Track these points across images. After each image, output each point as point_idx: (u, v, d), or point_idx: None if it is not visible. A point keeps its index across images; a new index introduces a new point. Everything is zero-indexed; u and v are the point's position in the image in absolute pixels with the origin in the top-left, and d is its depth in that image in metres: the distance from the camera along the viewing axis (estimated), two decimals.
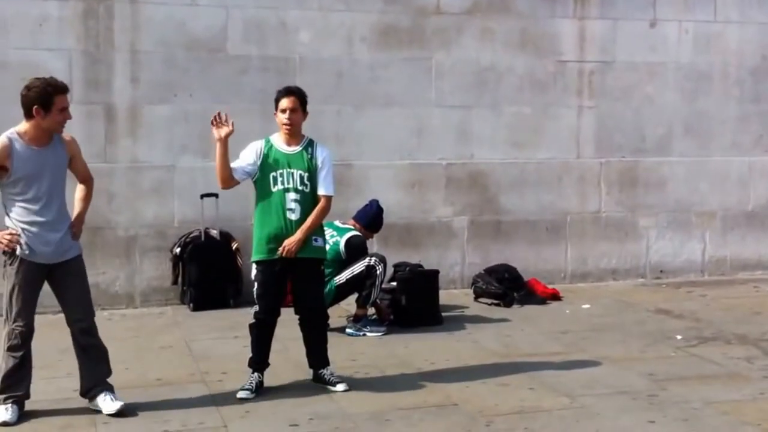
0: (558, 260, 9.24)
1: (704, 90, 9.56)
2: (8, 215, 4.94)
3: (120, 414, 5.00)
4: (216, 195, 8.12)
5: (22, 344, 4.93)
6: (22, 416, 4.99)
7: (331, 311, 7.24)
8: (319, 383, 5.65)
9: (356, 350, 6.54)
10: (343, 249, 7.06)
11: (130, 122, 8.07)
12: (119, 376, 5.25)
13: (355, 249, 7.03)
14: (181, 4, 8.14)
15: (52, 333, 7.12)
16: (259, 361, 5.58)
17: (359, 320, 7.12)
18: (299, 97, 5.51)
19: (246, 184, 8.17)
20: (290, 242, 5.41)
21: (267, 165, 5.48)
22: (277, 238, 5.45)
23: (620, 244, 9.43)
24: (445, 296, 7.86)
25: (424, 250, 8.78)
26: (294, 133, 5.52)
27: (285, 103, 5.47)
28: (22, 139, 4.85)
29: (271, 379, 5.79)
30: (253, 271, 5.64)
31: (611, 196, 9.40)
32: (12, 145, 4.82)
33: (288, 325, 7.14)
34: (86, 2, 7.90)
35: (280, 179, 5.44)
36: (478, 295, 8.41)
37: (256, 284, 5.59)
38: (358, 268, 6.99)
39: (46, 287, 5.09)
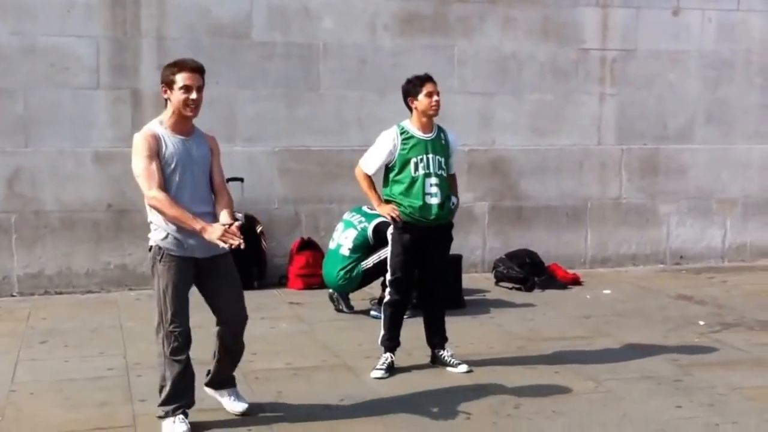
0: (578, 245, 9.33)
1: (727, 78, 9.60)
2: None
3: (244, 414, 4.87)
4: (241, 179, 8.21)
5: (184, 346, 4.62)
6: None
7: (355, 295, 7.37)
8: (437, 365, 5.80)
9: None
10: (371, 234, 7.18)
11: (156, 107, 8.02)
12: (150, 356, 5.18)
13: (383, 235, 7.09)
14: None
15: (81, 312, 7.23)
16: (391, 338, 5.73)
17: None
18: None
19: (262, 168, 8.35)
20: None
21: (408, 151, 5.58)
22: (418, 218, 5.62)
23: (640, 230, 9.50)
24: (466, 280, 7.94)
25: None
26: (434, 117, 5.66)
27: (432, 86, 5.56)
28: None
29: (300, 360, 5.89)
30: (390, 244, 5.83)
31: (632, 183, 9.47)
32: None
33: (314, 307, 7.18)
34: None
35: (421, 164, 5.57)
36: (499, 279, 8.49)
37: (390, 255, 5.81)
38: (384, 252, 7.00)
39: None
